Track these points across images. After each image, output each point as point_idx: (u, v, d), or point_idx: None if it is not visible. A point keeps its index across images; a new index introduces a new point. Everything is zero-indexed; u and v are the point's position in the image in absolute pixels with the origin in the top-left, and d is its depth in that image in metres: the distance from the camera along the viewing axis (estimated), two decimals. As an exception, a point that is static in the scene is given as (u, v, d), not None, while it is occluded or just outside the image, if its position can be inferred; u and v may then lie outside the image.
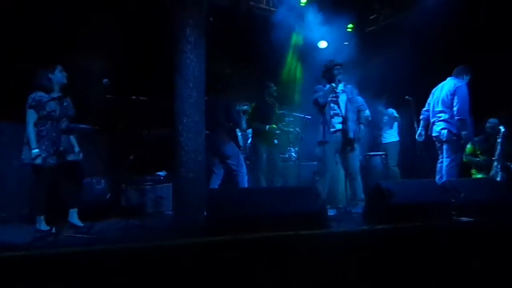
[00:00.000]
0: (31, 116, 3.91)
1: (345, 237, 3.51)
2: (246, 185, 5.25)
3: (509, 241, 3.69)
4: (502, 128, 5.45)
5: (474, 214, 3.97)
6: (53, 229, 3.63)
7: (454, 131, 5.17)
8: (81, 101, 4.38)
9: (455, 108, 5.14)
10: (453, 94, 5.19)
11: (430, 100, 5.59)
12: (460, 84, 5.23)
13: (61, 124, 4.04)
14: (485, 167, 5.68)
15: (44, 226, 3.88)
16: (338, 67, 4.94)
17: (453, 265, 3.41)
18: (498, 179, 5.30)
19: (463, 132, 5.12)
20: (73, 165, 4.15)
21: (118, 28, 5.98)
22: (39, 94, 3.96)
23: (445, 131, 5.23)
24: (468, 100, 5.18)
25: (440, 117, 5.32)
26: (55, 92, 4.08)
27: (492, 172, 5.45)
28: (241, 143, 5.50)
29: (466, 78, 5.36)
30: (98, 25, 5.70)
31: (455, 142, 5.21)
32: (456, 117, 5.12)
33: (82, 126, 4.22)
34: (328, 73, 4.97)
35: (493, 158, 5.48)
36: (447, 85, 5.35)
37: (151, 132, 5.37)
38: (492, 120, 5.72)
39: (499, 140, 5.44)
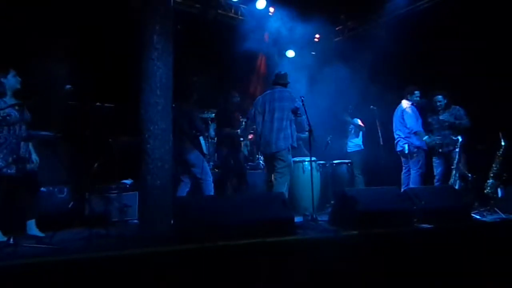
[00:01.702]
0: None
1: (311, 244, 3.56)
2: (212, 192, 5.22)
3: (465, 247, 3.86)
4: (460, 138, 5.68)
5: (434, 220, 4.13)
6: (11, 239, 3.48)
7: (415, 144, 5.96)
8: (43, 107, 4.24)
9: (407, 126, 6.01)
10: (402, 114, 6.10)
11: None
12: (406, 106, 6.12)
13: (19, 130, 3.89)
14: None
15: (0, 237, 3.72)
16: None
17: (414, 269, 3.53)
18: (456, 187, 5.52)
19: (425, 138, 5.87)
20: (31, 174, 4.00)
21: (83, 33, 5.86)
22: None
23: (406, 145, 6.03)
24: (413, 116, 6.02)
25: (399, 135, 6.16)
26: (7, 97, 3.93)
27: (451, 181, 5.67)
28: (205, 150, 5.48)
29: (412, 97, 6.17)
30: (62, 30, 5.56)
31: (417, 154, 5.96)
32: (413, 132, 5.96)
33: (44, 133, 4.08)
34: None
35: (452, 167, 5.70)
36: (400, 107, 6.25)
37: (117, 139, 5.27)
38: (439, 98, 6.03)
39: (457, 150, 5.67)
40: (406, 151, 5.99)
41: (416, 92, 6.16)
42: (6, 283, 2.42)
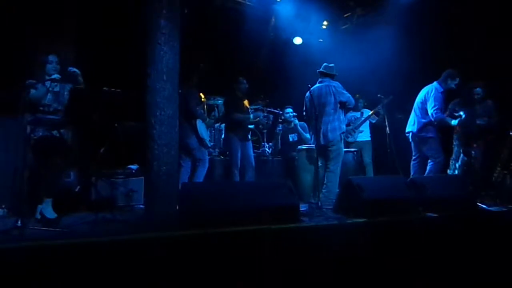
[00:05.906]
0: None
1: (316, 231, 3.56)
2: (203, 174, 5.39)
3: (470, 235, 3.85)
4: (462, 114, 5.54)
5: (439, 209, 4.11)
6: (19, 221, 3.48)
7: (415, 132, 5.71)
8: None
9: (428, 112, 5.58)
10: (428, 98, 5.63)
11: None
12: (435, 87, 5.63)
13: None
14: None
15: (51, 214, 3.82)
16: None
17: (419, 258, 3.53)
18: (459, 162, 5.48)
19: (453, 122, 5.48)
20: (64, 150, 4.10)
21: (90, 17, 5.83)
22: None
23: (410, 133, 5.85)
24: (438, 104, 5.55)
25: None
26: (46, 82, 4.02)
27: (452, 156, 5.63)
28: (205, 136, 5.51)
29: (452, 82, 5.64)
30: (70, 13, 5.54)
31: (425, 141, 5.64)
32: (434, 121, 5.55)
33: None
34: None
35: (454, 144, 5.65)
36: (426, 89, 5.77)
37: (123, 124, 5.27)
38: (478, 90, 5.69)
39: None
40: (410, 139, 5.87)
41: (457, 79, 5.66)
42: (12, 265, 2.44)
